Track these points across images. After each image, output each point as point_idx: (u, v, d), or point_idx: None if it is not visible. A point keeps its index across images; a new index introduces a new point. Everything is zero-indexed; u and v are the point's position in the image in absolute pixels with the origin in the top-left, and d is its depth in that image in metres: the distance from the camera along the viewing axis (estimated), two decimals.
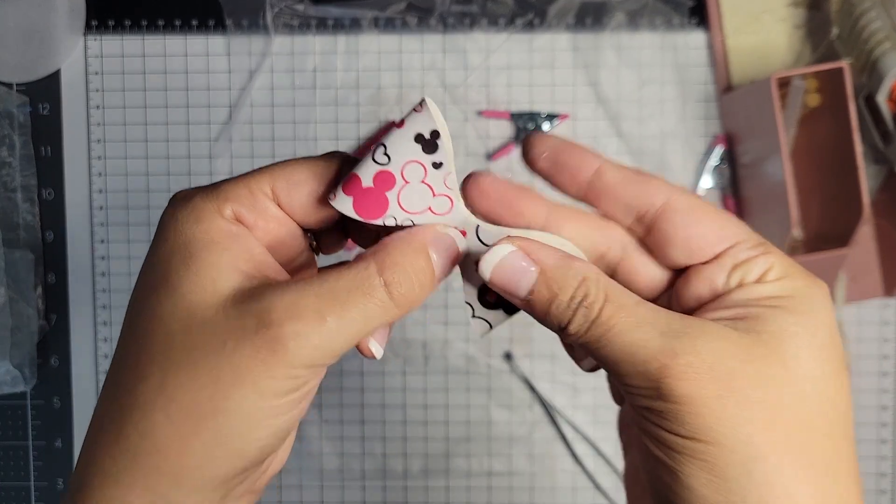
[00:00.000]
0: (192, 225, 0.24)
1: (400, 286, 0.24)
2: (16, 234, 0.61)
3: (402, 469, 0.63)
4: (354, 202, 0.24)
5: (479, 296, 0.27)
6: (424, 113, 0.25)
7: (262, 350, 0.22)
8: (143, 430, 0.23)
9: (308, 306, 0.22)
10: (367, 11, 0.60)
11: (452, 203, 0.25)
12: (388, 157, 0.25)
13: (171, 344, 0.23)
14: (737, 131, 0.60)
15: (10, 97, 0.61)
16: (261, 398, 0.22)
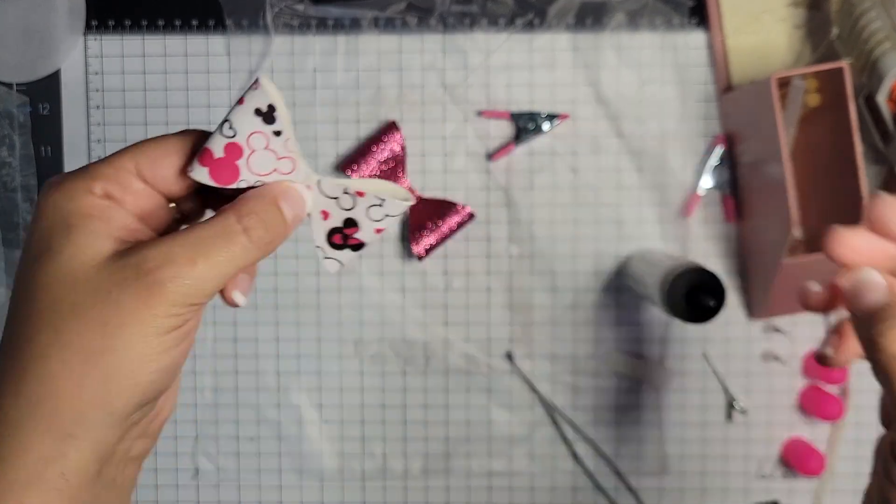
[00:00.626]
0: (65, 202, 0.27)
1: (256, 230, 0.28)
2: (16, 234, 0.61)
3: (403, 469, 0.63)
4: (210, 171, 0.28)
5: (327, 238, 0.31)
6: (260, 90, 0.29)
7: (143, 293, 0.26)
8: (41, 377, 0.26)
9: (180, 253, 0.26)
10: (367, 11, 0.60)
11: (295, 164, 0.30)
12: (234, 131, 0.28)
13: (59, 301, 0.26)
14: (737, 131, 0.60)
15: (10, 97, 0.61)
16: (146, 335, 0.26)
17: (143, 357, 0.26)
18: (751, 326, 0.62)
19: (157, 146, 0.28)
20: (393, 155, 0.60)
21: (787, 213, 0.53)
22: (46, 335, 0.26)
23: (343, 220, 0.31)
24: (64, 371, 0.25)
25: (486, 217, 0.62)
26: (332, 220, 0.31)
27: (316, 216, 0.31)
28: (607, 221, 0.62)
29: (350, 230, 0.31)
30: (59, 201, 0.27)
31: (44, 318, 0.26)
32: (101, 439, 0.26)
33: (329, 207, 0.31)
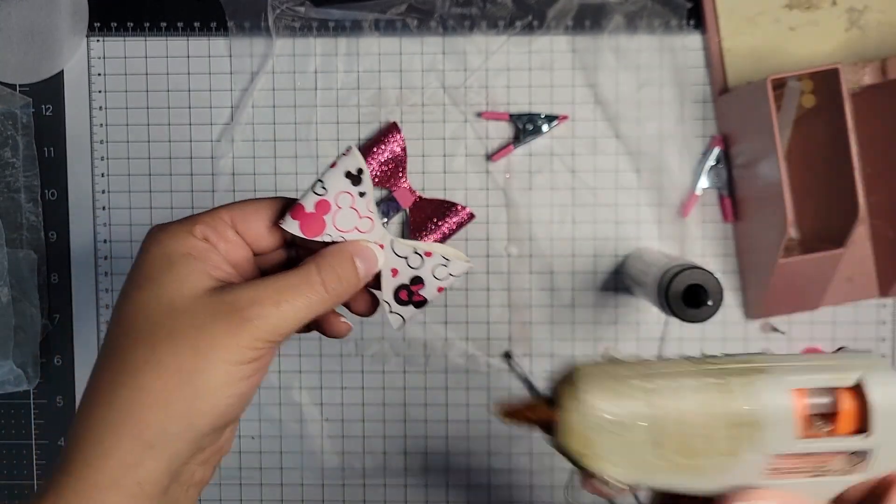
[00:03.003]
0: (170, 241, 0.31)
1: (332, 282, 0.31)
2: (19, 234, 0.62)
3: (403, 467, 0.63)
4: (301, 224, 0.32)
5: (394, 295, 0.34)
6: (351, 156, 0.33)
7: (233, 326, 0.29)
8: (134, 389, 0.29)
9: (267, 296, 0.30)
10: (367, 13, 0.61)
11: (373, 223, 0.33)
12: (325, 189, 0.33)
13: (157, 325, 0.29)
14: (733, 132, 0.60)
15: (13, 98, 0.61)
16: (231, 362, 0.29)
17: (225, 381, 0.29)
18: (748, 326, 0.63)
19: (250, 205, 0.33)
20: (393, 156, 0.61)
21: (783, 213, 0.53)
22: (143, 352, 0.29)
23: (410, 278, 0.34)
24: (156, 385, 0.28)
25: (486, 217, 0.62)
26: (400, 278, 0.34)
27: (386, 273, 0.34)
28: (606, 221, 0.62)
29: (416, 287, 0.34)
30: (163, 240, 0.31)
31: (142, 338, 0.29)
32: (177, 454, 0.29)
33: (398, 265, 0.34)
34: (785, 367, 0.24)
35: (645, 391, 0.25)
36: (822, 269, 0.57)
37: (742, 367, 0.24)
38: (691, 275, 0.51)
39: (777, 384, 0.24)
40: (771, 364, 0.25)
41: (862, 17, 0.60)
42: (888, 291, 0.60)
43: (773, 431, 0.24)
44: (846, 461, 0.25)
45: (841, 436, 0.24)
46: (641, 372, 0.25)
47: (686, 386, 0.25)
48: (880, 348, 0.62)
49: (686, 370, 0.25)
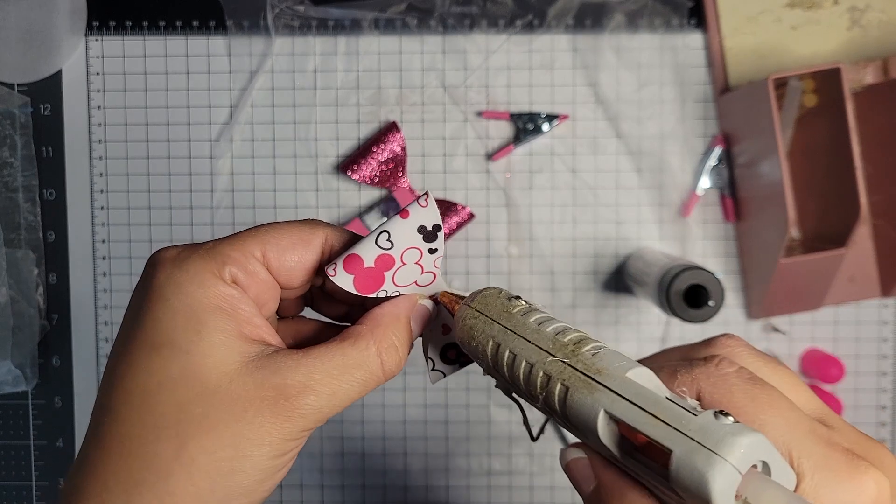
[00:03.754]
0: (194, 287, 0.25)
1: (391, 363, 0.28)
2: (17, 234, 0.61)
3: (403, 468, 0.63)
4: (355, 279, 0.27)
5: (441, 353, 0.30)
6: (429, 208, 0.28)
7: (281, 417, 0.25)
8: (161, 493, 0.24)
9: (320, 381, 0.26)
10: (367, 12, 0.61)
11: (434, 278, 0.29)
12: (392, 244, 0.28)
13: (187, 408, 0.24)
14: (735, 132, 0.60)
15: (11, 98, 0.61)
16: (273, 456, 0.25)
17: (265, 477, 0.25)
18: (749, 326, 0.62)
19: (286, 234, 0.27)
20: (393, 155, 0.61)
21: (785, 213, 0.53)
22: (170, 445, 0.24)
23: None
24: (187, 489, 0.24)
25: (486, 217, 0.62)
26: (452, 337, 0.30)
27: (437, 330, 0.30)
28: (606, 221, 0.62)
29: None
30: (183, 284, 0.25)
31: (167, 425, 0.24)
32: None
33: (451, 323, 0.30)
34: (617, 399, 0.23)
35: (493, 345, 0.26)
36: (823, 269, 0.57)
37: (584, 373, 0.24)
38: (692, 275, 0.51)
39: (592, 407, 0.23)
40: (610, 387, 0.23)
41: (864, 16, 0.60)
42: (890, 291, 0.60)
43: (592, 438, 0.24)
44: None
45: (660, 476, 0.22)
46: (506, 327, 0.26)
47: (524, 354, 0.25)
48: (882, 349, 0.62)
49: (541, 345, 0.25)
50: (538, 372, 0.25)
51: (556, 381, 0.24)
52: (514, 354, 0.25)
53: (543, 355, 0.25)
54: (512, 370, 0.26)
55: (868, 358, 0.62)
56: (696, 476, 0.20)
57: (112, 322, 0.63)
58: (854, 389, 0.62)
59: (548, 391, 0.24)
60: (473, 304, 0.27)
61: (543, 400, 0.25)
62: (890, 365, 0.62)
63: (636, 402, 0.22)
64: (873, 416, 0.62)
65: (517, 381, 0.26)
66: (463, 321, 0.27)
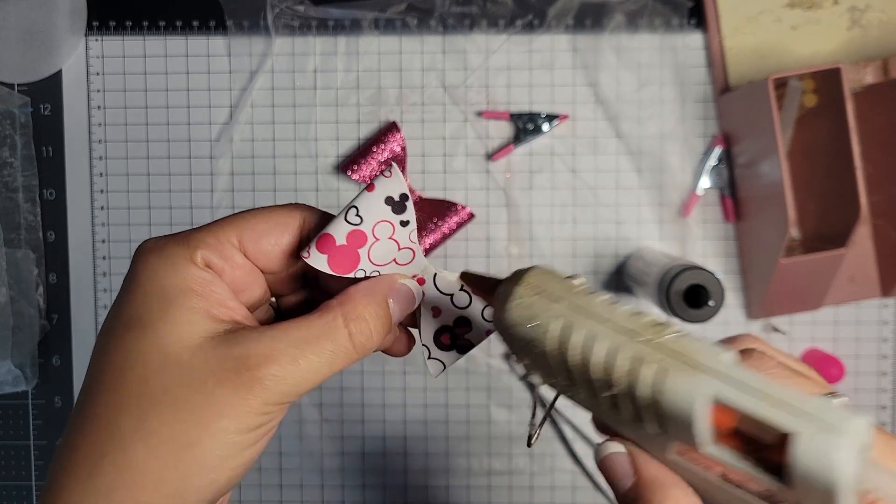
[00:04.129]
0: (167, 271, 0.26)
1: (361, 335, 0.26)
2: (17, 234, 0.61)
3: (403, 468, 0.63)
4: (329, 259, 0.27)
5: (434, 338, 0.29)
6: (394, 178, 0.27)
7: (242, 388, 0.24)
8: (122, 465, 0.24)
9: (283, 351, 0.25)
10: (367, 12, 0.61)
11: (414, 254, 0.28)
12: (361, 218, 0.27)
13: (148, 381, 0.24)
14: (735, 132, 0.60)
15: (11, 98, 0.61)
16: (237, 431, 0.24)
17: (229, 453, 0.25)
18: (749, 326, 0.62)
19: (260, 219, 0.27)
20: (393, 155, 0.61)
21: (785, 213, 0.53)
22: (130, 419, 0.24)
23: (454, 319, 0.29)
24: (147, 461, 0.24)
25: (486, 217, 0.62)
26: (443, 318, 0.29)
27: (426, 312, 0.29)
28: (606, 221, 0.62)
29: (461, 330, 0.29)
30: (158, 269, 0.26)
31: (130, 399, 0.24)
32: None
33: (441, 304, 0.29)
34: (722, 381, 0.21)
35: (561, 327, 0.23)
36: (823, 269, 0.57)
37: (675, 353, 0.22)
38: (692, 275, 0.51)
39: (694, 387, 0.21)
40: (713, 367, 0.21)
41: (864, 16, 0.60)
42: (890, 291, 0.60)
43: (679, 428, 0.22)
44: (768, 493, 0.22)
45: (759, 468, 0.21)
46: (576, 305, 0.23)
47: (601, 344, 0.22)
48: (882, 349, 0.62)
49: (618, 327, 0.23)
50: (624, 355, 0.22)
51: (648, 364, 0.22)
52: (589, 336, 0.23)
53: (626, 337, 0.22)
54: (585, 354, 0.23)
55: (868, 358, 0.62)
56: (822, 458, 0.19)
57: None
58: (854, 389, 0.62)
59: (634, 377, 0.22)
60: (529, 279, 0.24)
61: (626, 387, 0.22)
62: (890, 365, 0.62)
63: (746, 383, 0.21)
64: (873, 416, 0.62)
65: (586, 368, 0.23)
66: (518, 299, 0.24)
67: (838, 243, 0.55)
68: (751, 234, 0.60)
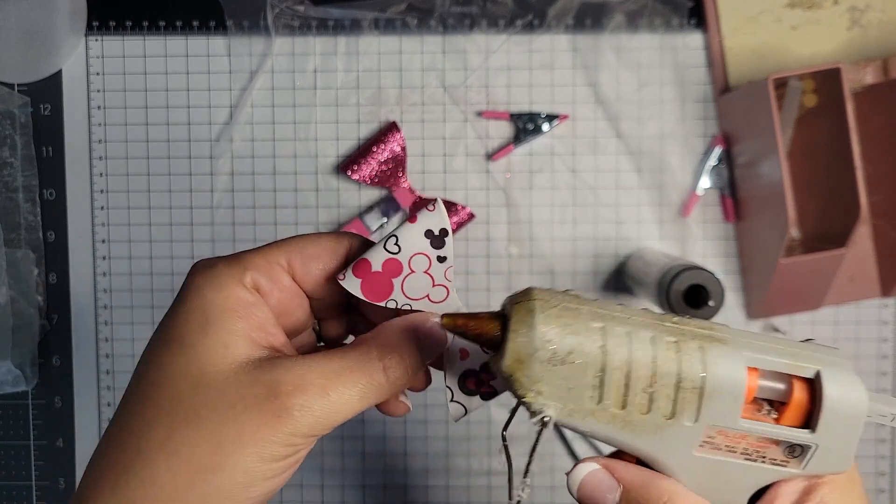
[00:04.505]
0: (212, 291, 0.26)
1: (395, 370, 0.26)
2: (17, 234, 0.62)
3: (403, 468, 0.63)
4: (363, 284, 0.27)
5: (459, 381, 0.29)
6: (437, 213, 0.28)
7: (269, 416, 0.24)
8: (144, 479, 0.24)
9: (314, 382, 0.25)
10: (367, 12, 0.61)
11: (448, 293, 0.28)
12: (399, 247, 0.27)
13: (180, 399, 0.25)
14: (735, 132, 0.60)
15: (11, 98, 0.61)
16: (260, 460, 0.24)
17: (249, 481, 0.24)
18: (749, 326, 0.62)
19: (311, 244, 0.28)
20: (393, 155, 0.61)
21: (785, 213, 0.53)
22: (157, 436, 0.24)
23: (482, 364, 0.28)
24: (169, 478, 0.24)
25: (486, 217, 0.62)
26: (470, 362, 0.29)
27: (453, 354, 0.28)
28: (606, 221, 0.62)
29: (487, 376, 0.29)
30: (204, 288, 0.26)
31: (160, 415, 0.25)
32: None
33: (470, 347, 0.28)
34: (745, 343, 0.23)
35: (598, 331, 0.23)
36: (823, 269, 0.57)
37: (702, 332, 0.23)
38: (692, 275, 0.51)
39: (734, 357, 0.23)
40: (731, 336, 0.23)
41: (864, 16, 0.60)
42: (890, 291, 0.60)
43: (718, 404, 0.23)
44: (784, 452, 0.24)
45: (786, 426, 0.24)
46: (597, 311, 0.24)
47: (641, 337, 0.23)
48: (882, 349, 0.62)
49: (644, 321, 0.23)
50: (663, 342, 0.23)
51: (686, 344, 0.23)
52: (626, 331, 0.23)
53: (658, 326, 0.23)
54: (630, 351, 0.23)
55: (868, 358, 0.62)
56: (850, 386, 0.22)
57: (112, 322, 0.63)
58: None
59: (681, 357, 0.23)
60: (535, 297, 0.24)
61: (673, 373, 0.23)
62: (890, 365, 0.62)
63: (764, 343, 0.23)
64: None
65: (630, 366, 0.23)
66: (543, 313, 0.23)
67: (838, 243, 0.55)
68: (751, 234, 0.60)
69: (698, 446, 0.24)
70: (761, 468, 0.24)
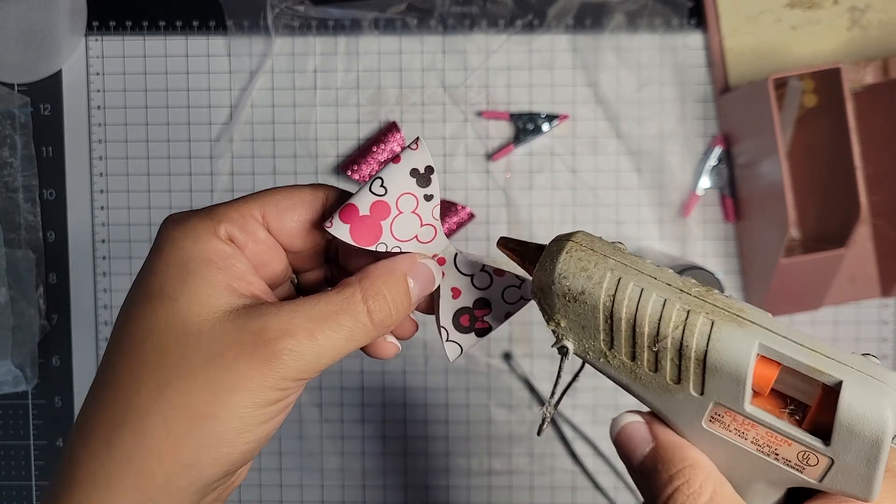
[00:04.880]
0: (190, 244, 0.26)
1: (380, 312, 0.26)
2: (17, 235, 0.61)
3: (403, 468, 0.63)
4: (351, 229, 0.26)
5: (453, 320, 0.29)
6: (420, 150, 0.27)
7: (259, 362, 0.24)
8: (139, 434, 0.24)
9: (301, 326, 0.25)
10: (367, 12, 0.61)
11: (436, 232, 0.28)
12: (385, 189, 0.27)
13: (167, 351, 0.25)
14: (735, 132, 0.60)
15: (11, 98, 0.61)
16: (253, 405, 0.25)
17: (244, 427, 0.25)
18: None
19: (286, 196, 0.28)
20: (393, 155, 0.61)
21: (785, 213, 0.53)
22: (148, 389, 0.24)
23: (474, 301, 0.28)
24: (163, 431, 0.24)
25: (486, 217, 0.62)
26: (463, 300, 0.29)
27: (445, 293, 0.28)
28: (606, 221, 0.62)
29: (480, 312, 0.29)
30: (180, 241, 0.26)
31: (149, 369, 0.25)
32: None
33: (461, 285, 0.28)
34: (769, 334, 0.22)
35: (613, 281, 0.24)
36: (823, 270, 0.57)
37: (722, 309, 0.23)
38: (693, 275, 0.51)
39: (744, 339, 0.22)
40: (758, 322, 0.23)
41: (863, 17, 0.60)
42: (890, 291, 0.60)
43: (722, 382, 0.23)
44: (798, 456, 0.23)
45: (799, 427, 0.23)
46: (623, 263, 0.24)
47: (653, 297, 0.23)
48: (882, 349, 0.62)
49: (666, 284, 0.23)
50: (674, 306, 0.23)
51: (697, 314, 0.22)
52: (640, 288, 0.23)
53: (677, 291, 0.23)
54: (638, 304, 0.23)
55: None
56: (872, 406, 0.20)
57: (112, 322, 0.63)
58: None
59: (686, 326, 0.23)
60: (577, 238, 0.25)
61: (677, 339, 0.23)
62: (890, 365, 0.62)
63: (791, 338, 0.22)
64: None
65: (635, 319, 0.23)
66: (570, 252, 0.24)
67: (838, 243, 0.55)
68: (751, 234, 0.60)
69: (708, 420, 0.24)
70: (773, 465, 0.23)
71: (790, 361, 0.22)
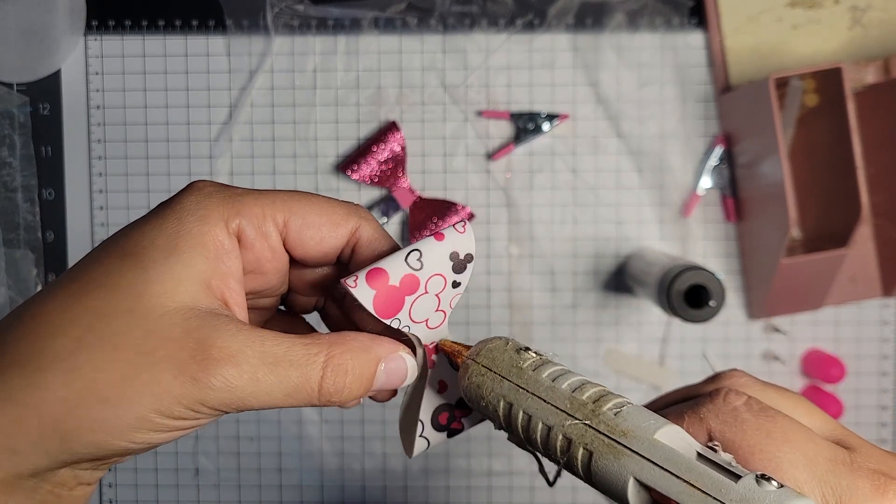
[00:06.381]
0: (193, 222, 0.24)
1: (332, 385, 0.24)
2: (16, 234, 0.61)
3: (403, 468, 0.63)
4: (376, 296, 0.24)
5: (432, 416, 0.27)
6: (466, 235, 0.26)
7: (186, 376, 0.22)
8: (34, 383, 0.22)
9: (248, 360, 0.23)
10: (367, 12, 0.60)
11: (444, 320, 0.27)
12: (422, 264, 0.25)
13: (106, 318, 0.23)
14: (736, 131, 0.60)
15: (10, 97, 0.61)
16: (157, 413, 0.22)
17: (137, 426, 0.22)
18: (750, 326, 0.62)
19: (315, 210, 0.26)
20: (393, 155, 0.60)
21: (786, 212, 0.53)
22: (65, 343, 0.22)
23: (458, 399, 0.27)
24: (59, 392, 0.22)
25: (487, 217, 0.62)
26: (447, 396, 0.27)
27: (432, 385, 0.27)
28: (607, 221, 0.62)
29: (460, 412, 0.28)
30: (188, 216, 0.24)
31: (79, 322, 0.23)
32: (41, 468, 0.23)
33: (449, 380, 0.27)
34: (649, 465, 0.21)
35: (506, 405, 0.24)
36: (824, 270, 0.57)
37: (608, 436, 0.22)
38: (693, 275, 0.51)
39: (622, 474, 0.21)
40: (639, 451, 0.21)
41: (865, 16, 0.60)
42: (891, 291, 0.60)
43: (612, 497, 0.22)
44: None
45: None
46: (520, 382, 0.24)
47: (539, 426, 0.23)
48: (883, 349, 0.62)
49: (557, 405, 0.23)
50: (557, 435, 0.23)
51: (577, 445, 0.22)
52: (528, 415, 0.23)
53: (561, 416, 0.23)
54: (528, 432, 0.24)
55: (869, 358, 0.62)
56: None
57: None
58: (855, 390, 0.62)
59: (569, 456, 0.23)
60: (479, 358, 0.25)
61: (565, 464, 0.23)
62: (891, 365, 0.62)
63: (668, 467, 0.21)
64: (874, 416, 0.62)
65: (534, 443, 0.24)
66: (469, 378, 0.25)
67: (839, 243, 0.55)
68: (752, 234, 0.60)
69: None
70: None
71: (666, 492, 0.21)
